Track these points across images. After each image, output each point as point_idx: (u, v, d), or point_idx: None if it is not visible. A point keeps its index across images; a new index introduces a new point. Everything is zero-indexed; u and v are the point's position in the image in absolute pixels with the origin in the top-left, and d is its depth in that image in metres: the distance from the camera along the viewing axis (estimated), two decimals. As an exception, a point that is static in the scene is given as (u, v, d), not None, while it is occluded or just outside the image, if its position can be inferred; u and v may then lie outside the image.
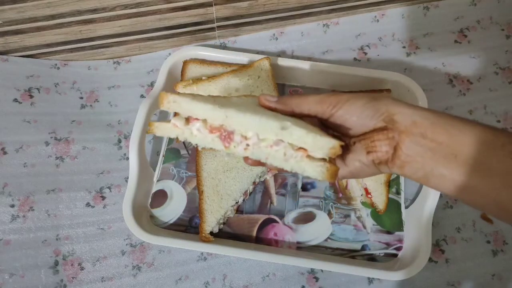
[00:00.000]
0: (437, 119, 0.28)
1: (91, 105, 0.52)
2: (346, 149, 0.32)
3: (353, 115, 0.30)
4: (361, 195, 0.47)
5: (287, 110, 0.33)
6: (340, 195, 0.47)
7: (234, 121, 0.30)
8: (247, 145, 0.30)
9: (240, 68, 0.49)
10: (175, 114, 0.33)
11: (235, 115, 0.30)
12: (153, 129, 0.32)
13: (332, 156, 0.30)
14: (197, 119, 0.31)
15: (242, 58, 0.50)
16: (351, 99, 0.31)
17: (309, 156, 0.30)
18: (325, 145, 0.29)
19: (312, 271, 0.45)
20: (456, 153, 0.27)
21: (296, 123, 0.30)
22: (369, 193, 0.46)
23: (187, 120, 0.31)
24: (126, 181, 0.45)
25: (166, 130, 0.31)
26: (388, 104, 0.30)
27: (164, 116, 0.52)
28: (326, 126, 0.34)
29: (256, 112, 0.30)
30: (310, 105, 0.32)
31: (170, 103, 0.30)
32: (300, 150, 0.30)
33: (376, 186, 0.46)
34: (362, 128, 0.31)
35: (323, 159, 0.29)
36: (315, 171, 0.30)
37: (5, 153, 0.47)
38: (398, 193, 0.47)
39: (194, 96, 0.31)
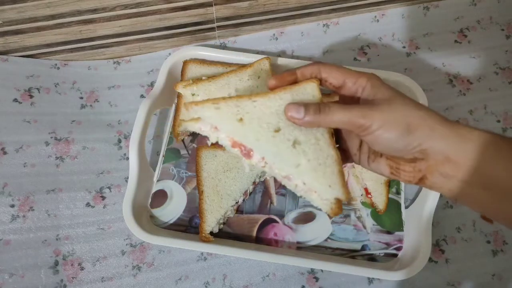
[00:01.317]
0: (471, 153, 0.26)
1: (91, 105, 0.52)
2: (372, 152, 0.32)
3: (383, 145, 0.29)
4: (361, 195, 0.47)
5: (314, 125, 0.31)
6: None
7: (252, 145, 0.31)
8: (265, 163, 0.32)
9: (240, 68, 0.49)
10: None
11: (253, 141, 0.31)
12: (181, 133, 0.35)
13: (333, 210, 0.31)
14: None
15: (242, 58, 0.50)
16: (383, 126, 0.28)
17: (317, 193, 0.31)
18: (330, 198, 0.31)
19: (312, 271, 0.45)
20: (489, 187, 0.26)
21: (310, 162, 0.31)
22: (369, 193, 0.46)
23: (214, 127, 0.33)
24: (126, 181, 0.45)
25: (194, 128, 0.33)
26: (422, 137, 0.27)
27: (164, 116, 0.52)
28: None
29: (274, 139, 0.31)
30: (337, 123, 0.30)
31: (193, 113, 0.32)
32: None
33: (376, 186, 0.46)
34: (391, 153, 0.30)
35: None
36: (322, 204, 0.31)
37: (5, 153, 0.47)
38: (398, 193, 0.47)
39: (216, 106, 0.32)
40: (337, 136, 0.34)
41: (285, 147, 0.31)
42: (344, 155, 0.34)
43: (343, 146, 0.35)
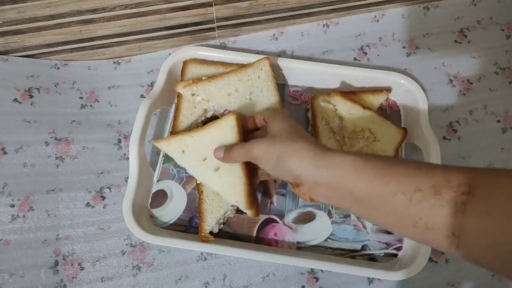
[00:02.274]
0: (334, 177, 0.31)
1: (91, 105, 0.52)
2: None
3: (270, 172, 0.36)
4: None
5: (225, 160, 0.41)
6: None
7: (189, 170, 0.44)
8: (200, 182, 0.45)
9: (240, 68, 0.49)
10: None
11: (189, 167, 0.43)
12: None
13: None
14: None
15: (242, 58, 0.50)
16: (262, 158, 0.36)
17: None
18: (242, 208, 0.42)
19: (312, 271, 0.45)
20: (359, 201, 0.31)
21: (225, 183, 0.42)
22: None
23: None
24: (126, 181, 0.45)
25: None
26: (292, 166, 0.33)
27: (164, 117, 0.52)
28: None
29: (201, 166, 0.43)
30: (237, 160, 0.40)
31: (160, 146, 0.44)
32: None
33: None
34: (278, 178, 0.42)
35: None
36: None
37: (5, 153, 0.47)
38: (398, 193, 0.47)
39: (168, 142, 0.44)
40: None
41: (208, 172, 0.42)
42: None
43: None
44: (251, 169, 0.42)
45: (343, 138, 0.47)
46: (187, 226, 0.46)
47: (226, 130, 0.42)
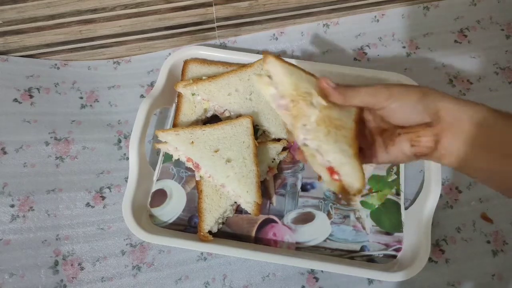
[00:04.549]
0: (477, 115, 0.30)
1: (91, 105, 0.52)
2: (389, 138, 0.34)
3: (405, 110, 0.32)
4: (323, 181, 0.35)
5: (340, 99, 0.34)
6: (340, 195, 0.47)
7: (198, 160, 0.44)
8: (209, 175, 0.44)
9: (240, 68, 0.49)
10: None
11: (199, 158, 0.44)
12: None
13: (254, 211, 0.43)
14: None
15: (242, 58, 0.50)
16: (403, 93, 0.32)
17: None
18: (251, 201, 0.43)
19: (312, 271, 0.45)
20: (507, 152, 0.29)
21: (237, 174, 0.43)
22: (335, 172, 0.32)
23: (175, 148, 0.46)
24: (126, 181, 0.45)
25: (164, 149, 0.47)
26: (436, 100, 0.31)
27: (164, 117, 0.52)
28: (372, 117, 0.35)
29: (213, 157, 0.44)
30: (363, 97, 0.33)
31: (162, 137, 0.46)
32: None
33: (343, 159, 0.32)
34: (409, 122, 0.32)
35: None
36: (246, 206, 0.44)
37: (5, 153, 0.47)
38: (398, 194, 0.47)
39: (177, 133, 0.45)
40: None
41: (220, 163, 0.43)
42: (362, 155, 0.35)
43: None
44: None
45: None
46: (187, 226, 0.46)
47: (240, 130, 0.45)
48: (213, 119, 0.50)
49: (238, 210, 0.46)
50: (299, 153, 0.35)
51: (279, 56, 0.49)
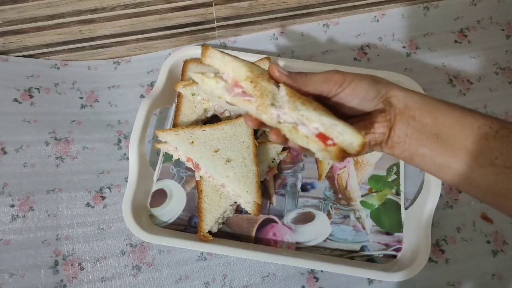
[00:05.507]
0: (424, 102, 0.30)
1: (91, 105, 0.52)
2: None
3: (358, 95, 0.31)
4: (318, 149, 0.29)
5: (295, 86, 0.32)
6: (340, 195, 0.47)
7: (198, 160, 0.44)
8: (209, 174, 0.44)
9: (240, 68, 0.49)
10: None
11: (199, 158, 0.44)
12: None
13: (254, 211, 0.43)
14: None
15: (242, 58, 0.50)
16: (355, 79, 0.31)
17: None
18: (251, 201, 0.43)
19: (312, 271, 0.45)
20: (437, 133, 0.29)
21: (236, 174, 0.43)
22: (328, 138, 0.28)
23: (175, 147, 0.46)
24: (126, 181, 0.45)
25: (164, 149, 0.47)
26: (386, 86, 0.31)
27: (164, 117, 0.52)
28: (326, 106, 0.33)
29: (213, 157, 0.44)
30: (316, 84, 0.32)
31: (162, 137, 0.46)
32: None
33: (334, 122, 0.28)
34: (362, 109, 0.32)
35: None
36: (246, 206, 0.44)
37: (5, 153, 0.47)
38: (398, 194, 0.47)
39: (177, 133, 0.45)
40: None
41: (220, 163, 0.43)
42: None
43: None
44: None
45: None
46: (187, 226, 0.46)
47: (240, 130, 0.45)
48: (213, 119, 0.50)
49: (238, 210, 0.46)
50: (273, 134, 0.31)
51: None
